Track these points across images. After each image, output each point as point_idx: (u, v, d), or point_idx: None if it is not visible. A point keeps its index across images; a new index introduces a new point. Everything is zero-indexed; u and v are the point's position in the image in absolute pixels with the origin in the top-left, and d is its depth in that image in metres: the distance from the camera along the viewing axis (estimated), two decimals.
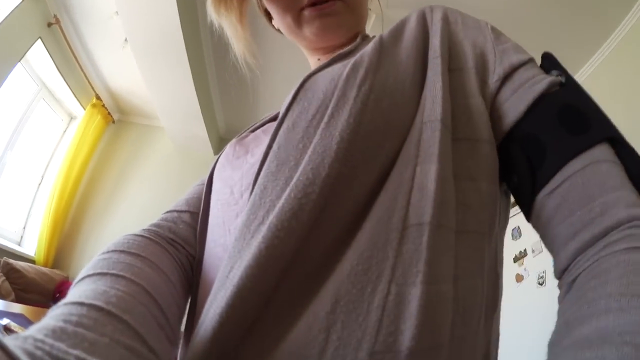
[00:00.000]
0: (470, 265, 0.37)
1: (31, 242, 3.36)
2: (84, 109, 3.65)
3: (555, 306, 0.34)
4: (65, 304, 0.30)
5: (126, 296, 0.32)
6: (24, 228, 3.44)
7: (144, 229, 0.48)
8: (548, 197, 0.37)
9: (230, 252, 0.36)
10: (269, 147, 0.40)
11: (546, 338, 0.32)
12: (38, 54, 3.04)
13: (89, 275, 0.35)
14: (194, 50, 2.72)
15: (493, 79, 0.43)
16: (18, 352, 0.19)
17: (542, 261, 2.12)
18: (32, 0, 2.71)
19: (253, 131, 0.56)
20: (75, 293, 0.32)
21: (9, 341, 0.21)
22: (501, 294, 0.44)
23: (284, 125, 0.40)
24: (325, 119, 0.38)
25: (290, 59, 2.52)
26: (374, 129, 0.37)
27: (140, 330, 0.30)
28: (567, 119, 0.38)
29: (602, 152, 0.36)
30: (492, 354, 0.42)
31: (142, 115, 4.08)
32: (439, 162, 0.36)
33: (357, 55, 0.42)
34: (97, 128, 3.76)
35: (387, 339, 0.30)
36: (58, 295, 2.98)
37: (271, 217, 0.34)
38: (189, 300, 0.48)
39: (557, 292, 0.36)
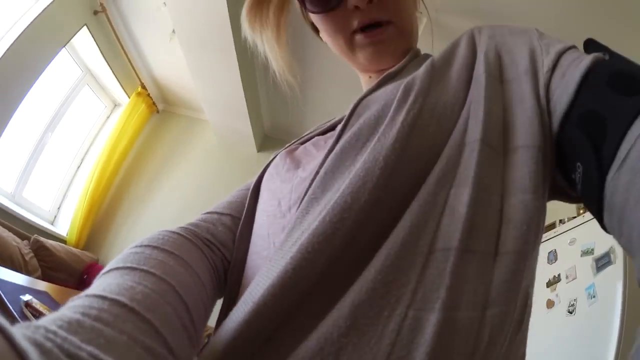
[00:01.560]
0: (505, 291, 0.33)
1: (64, 222, 3.46)
2: (129, 97, 3.72)
3: (583, 337, 0.29)
4: (87, 295, 0.29)
5: (153, 294, 0.31)
6: (59, 208, 3.54)
7: (181, 227, 0.48)
8: (617, 175, 0.30)
9: (261, 271, 0.36)
10: (317, 172, 0.40)
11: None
12: (84, 41, 3.10)
13: (117, 268, 0.35)
14: (242, 45, 2.70)
15: (544, 72, 0.40)
16: (24, 344, 0.17)
17: (575, 288, 2.02)
18: None
19: (302, 143, 0.56)
20: (99, 285, 0.31)
21: (17, 330, 0.19)
22: (529, 315, 0.39)
23: (334, 151, 0.40)
24: (371, 142, 0.37)
25: (339, 61, 2.48)
26: (417, 155, 0.37)
27: (163, 330, 0.29)
28: (620, 84, 0.33)
29: None
30: None
31: (187, 107, 4.12)
32: (474, 184, 0.34)
33: (410, 78, 0.41)
34: (140, 116, 3.81)
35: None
36: (85, 277, 3.05)
37: (302, 239, 0.34)
38: (222, 304, 0.48)
39: (586, 322, 0.31)
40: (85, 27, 2.97)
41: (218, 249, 0.49)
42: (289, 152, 0.54)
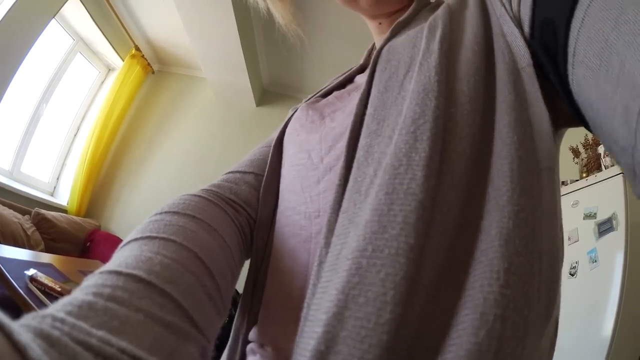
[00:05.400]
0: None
1: (64, 192, 3.48)
2: (123, 60, 3.66)
3: (584, 300, 0.29)
4: (102, 272, 0.27)
5: (173, 264, 0.30)
6: (58, 179, 3.55)
7: (202, 189, 0.46)
8: (573, 76, 0.30)
9: (338, 229, 0.31)
10: (362, 113, 0.38)
11: (573, 330, 0.26)
12: (74, 9, 3.04)
13: (136, 239, 0.33)
14: None
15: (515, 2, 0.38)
16: (24, 338, 0.16)
17: (577, 251, 2.04)
18: None
19: (322, 96, 0.55)
20: (116, 260, 0.29)
21: (22, 322, 0.19)
22: None
23: (374, 90, 0.38)
24: (416, 68, 0.35)
25: (338, 13, 2.43)
26: (466, 71, 0.34)
27: (184, 303, 0.27)
28: None
29: None
30: None
31: (183, 65, 4.06)
32: (545, 103, 0.32)
33: (431, 19, 0.40)
34: (136, 79, 3.77)
35: (549, 313, 0.27)
36: (88, 244, 3.09)
37: (384, 164, 0.30)
38: (250, 264, 0.47)
39: (587, 285, 0.31)
40: None
41: (243, 208, 0.47)
42: (309, 104, 0.53)
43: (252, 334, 0.45)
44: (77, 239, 3.03)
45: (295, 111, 0.55)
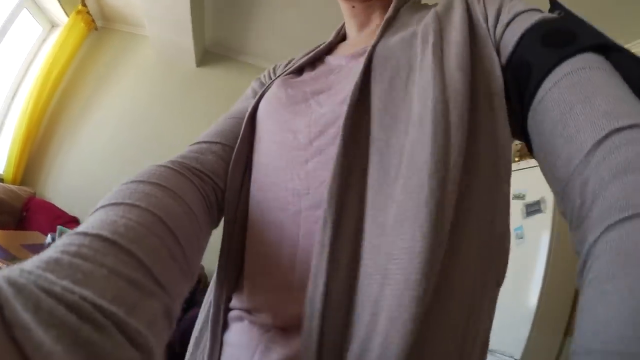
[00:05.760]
0: None
1: (1, 160, 3.25)
2: (68, 17, 3.41)
3: (510, 270, 0.39)
4: (69, 234, 0.28)
5: (137, 226, 0.31)
6: None
7: (169, 160, 0.46)
8: (533, 114, 0.39)
9: (376, 203, 0.37)
10: (355, 102, 0.42)
11: (501, 298, 0.40)
12: None
13: (103, 206, 0.33)
14: None
15: (500, 28, 0.45)
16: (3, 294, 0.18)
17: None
18: None
19: (293, 73, 0.58)
20: (83, 225, 0.30)
21: None
22: None
23: (378, 87, 0.43)
24: (417, 74, 0.41)
25: None
26: (456, 68, 0.40)
27: (147, 262, 0.29)
28: (552, 38, 0.39)
29: (584, 60, 0.36)
30: None
31: (126, 22, 3.84)
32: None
33: (422, 25, 0.45)
34: (78, 36, 3.52)
35: (500, 277, 0.41)
36: (25, 213, 2.93)
37: (405, 153, 0.37)
38: (223, 232, 0.50)
39: (512, 259, 0.42)
40: None
41: (208, 177, 0.48)
42: (285, 81, 0.55)
43: (235, 302, 0.47)
44: (13, 209, 2.86)
45: (267, 86, 0.57)
